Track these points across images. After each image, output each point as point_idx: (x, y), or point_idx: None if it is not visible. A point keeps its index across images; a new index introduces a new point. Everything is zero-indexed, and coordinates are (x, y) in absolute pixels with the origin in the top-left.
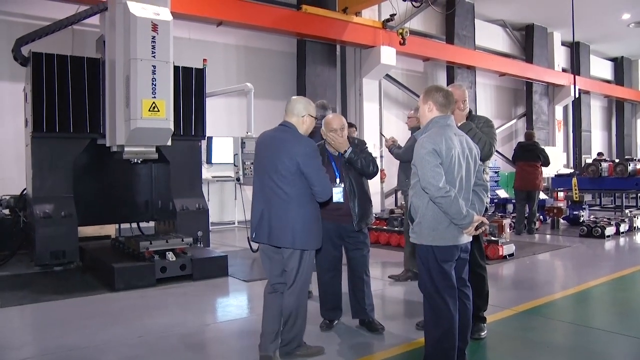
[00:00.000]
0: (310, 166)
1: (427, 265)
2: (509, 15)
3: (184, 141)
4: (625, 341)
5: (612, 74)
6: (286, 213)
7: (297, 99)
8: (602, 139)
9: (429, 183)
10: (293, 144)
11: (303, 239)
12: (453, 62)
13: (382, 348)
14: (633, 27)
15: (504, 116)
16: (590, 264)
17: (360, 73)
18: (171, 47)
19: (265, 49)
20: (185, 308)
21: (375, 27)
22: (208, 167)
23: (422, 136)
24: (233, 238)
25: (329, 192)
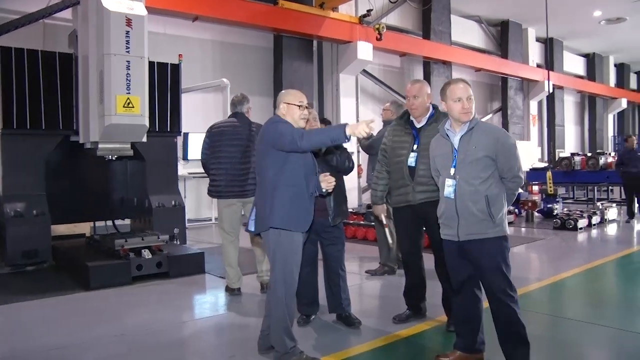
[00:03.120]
0: (272, 132)
1: (508, 258)
2: (485, 11)
3: (160, 137)
4: (598, 330)
5: (585, 69)
6: (264, 198)
7: (281, 92)
8: (575, 133)
9: (522, 171)
10: (263, 128)
11: (271, 217)
12: (429, 57)
13: (359, 342)
14: (604, 24)
15: (480, 111)
16: (564, 255)
17: (337, 68)
18: (146, 42)
19: (241, 44)
20: (162, 306)
21: (352, 23)
22: (184, 164)
23: (499, 128)
24: (210, 235)
25: (306, 140)
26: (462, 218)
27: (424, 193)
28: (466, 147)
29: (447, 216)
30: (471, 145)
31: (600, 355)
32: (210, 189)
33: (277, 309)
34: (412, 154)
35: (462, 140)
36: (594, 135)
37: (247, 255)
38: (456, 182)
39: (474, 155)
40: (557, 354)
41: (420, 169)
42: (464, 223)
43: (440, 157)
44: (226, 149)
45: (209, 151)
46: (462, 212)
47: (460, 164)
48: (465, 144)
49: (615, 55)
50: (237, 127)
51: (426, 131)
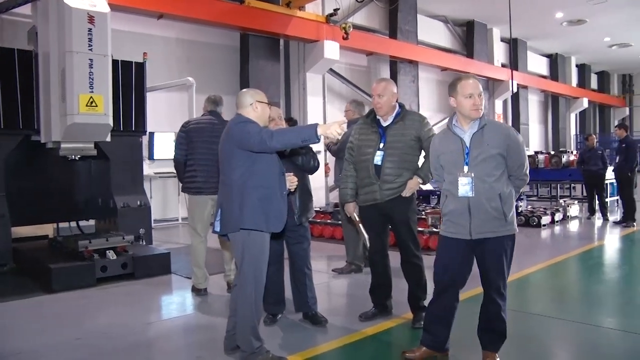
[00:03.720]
0: (239, 132)
1: (512, 257)
2: (451, 11)
3: (124, 137)
4: (561, 325)
5: (548, 70)
6: (230, 199)
7: (243, 91)
8: (539, 132)
9: (529, 168)
10: (227, 128)
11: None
12: (396, 56)
13: (325, 340)
14: (566, 26)
15: (446, 110)
16: (528, 252)
17: (303, 67)
18: (109, 40)
19: (207, 42)
20: (127, 307)
21: (319, 22)
22: (150, 163)
23: (508, 126)
24: (177, 235)
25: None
26: (475, 216)
27: (390, 191)
28: (479, 145)
29: (457, 214)
30: (484, 142)
31: (563, 349)
32: (189, 186)
33: (245, 309)
34: (379, 153)
35: (474, 137)
36: (557, 134)
37: (213, 255)
38: (472, 181)
39: (487, 152)
40: (523, 348)
41: (387, 167)
42: (477, 221)
43: (449, 154)
44: (204, 145)
45: (186, 146)
46: (476, 210)
47: (473, 162)
48: (478, 142)
49: (577, 56)
50: (216, 124)
51: (392, 130)
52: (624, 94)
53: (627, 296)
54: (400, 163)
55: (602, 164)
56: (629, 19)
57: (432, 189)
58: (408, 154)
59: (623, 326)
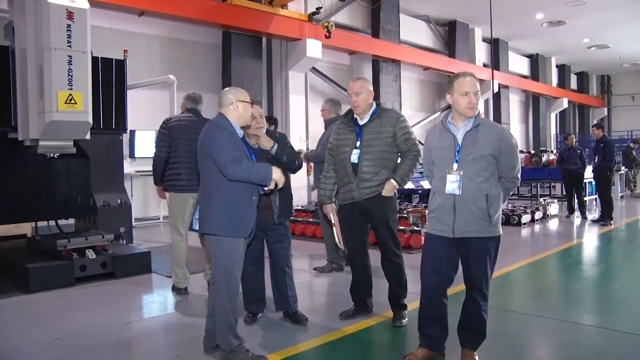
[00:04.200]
0: (209, 143)
1: (496, 258)
2: (433, 11)
3: (104, 135)
4: (540, 322)
5: (529, 70)
6: (205, 200)
7: (225, 90)
8: (521, 131)
9: (520, 171)
10: (202, 131)
11: (209, 223)
12: (378, 55)
13: (305, 339)
14: (546, 27)
15: (428, 109)
16: (508, 250)
17: (286, 66)
18: (88, 37)
19: (189, 40)
20: (107, 307)
21: (302, 20)
22: (131, 162)
23: (503, 127)
24: (158, 234)
25: (231, 167)
26: (459, 215)
27: (369, 189)
28: (471, 144)
29: (443, 211)
30: (476, 142)
31: (541, 346)
32: (174, 184)
33: (220, 308)
34: (355, 151)
35: (466, 136)
36: (538, 134)
37: (194, 254)
38: (460, 179)
39: (478, 152)
40: (502, 346)
41: (364, 166)
42: (461, 220)
43: (441, 151)
44: (185, 142)
45: (168, 143)
46: (461, 208)
47: (463, 160)
48: (470, 140)
49: (557, 57)
50: (196, 122)
51: (368, 128)
52: (602, 94)
53: (603, 293)
54: (378, 161)
55: (581, 163)
56: (607, 21)
57: (414, 188)
58: (386, 152)
59: (599, 323)
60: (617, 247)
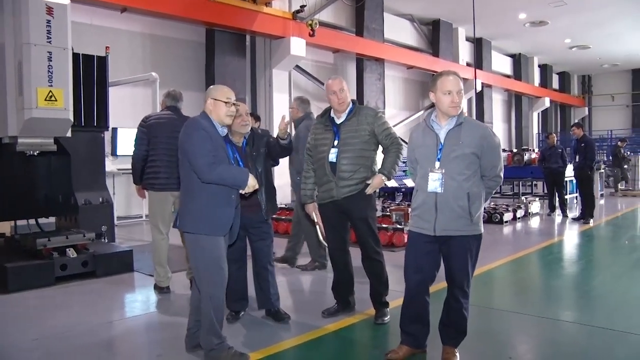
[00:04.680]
0: (186, 143)
1: (477, 257)
2: (417, 10)
3: (86, 132)
4: (520, 319)
5: (511, 69)
6: (184, 197)
7: (209, 88)
8: (503, 130)
9: (503, 170)
10: (182, 130)
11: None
12: (362, 54)
13: (288, 337)
14: (528, 27)
15: (412, 107)
16: (490, 247)
17: (270, 64)
18: (69, 33)
19: (172, 37)
20: (88, 306)
21: (285, 18)
22: (113, 160)
23: (486, 126)
24: (140, 232)
25: (206, 171)
26: (440, 213)
27: (347, 188)
28: (453, 142)
29: (425, 209)
30: (459, 140)
31: (521, 343)
32: (153, 182)
33: (203, 308)
34: (333, 150)
35: (449, 134)
36: (520, 132)
37: (176, 252)
38: (442, 177)
39: (460, 150)
40: (483, 343)
41: (342, 164)
42: (442, 218)
43: (424, 149)
44: (164, 140)
45: (147, 141)
46: (442, 207)
47: (445, 159)
48: (452, 139)
49: (539, 57)
50: (176, 120)
51: (346, 126)
52: (583, 94)
53: (582, 290)
54: (356, 159)
55: (562, 162)
56: (588, 22)
57: (397, 186)
58: (364, 150)
59: (578, 319)
60: (596, 244)
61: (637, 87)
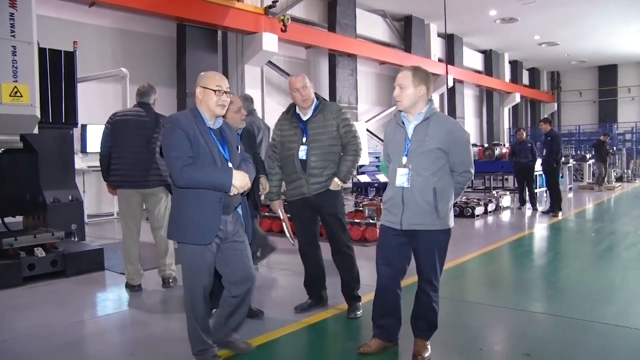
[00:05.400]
0: (162, 143)
1: (446, 250)
2: (389, 6)
3: (54, 129)
4: (492, 311)
5: (483, 65)
6: (172, 202)
7: (199, 75)
8: (475, 125)
9: (473, 166)
10: (162, 129)
11: (171, 228)
12: (335, 50)
13: (261, 332)
14: (499, 23)
15: (385, 103)
16: (462, 241)
17: (242, 59)
18: (34, 27)
19: (142, 33)
20: (57, 306)
21: (257, 14)
22: (83, 157)
23: (455, 121)
24: (112, 230)
25: (177, 174)
26: (407, 207)
27: (318, 184)
28: (419, 138)
29: (393, 204)
30: (425, 136)
31: (492, 334)
32: (117, 180)
33: (186, 313)
34: (302, 147)
35: (416, 129)
36: (492, 127)
37: (148, 250)
38: (409, 172)
39: (426, 146)
40: (454, 335)
41: (312, 161)
42: (409, 213)
43: (394, 144)
44: (130, 137)
45: (111, 138)
46: (409, 201)
47: (412, 154)
48: (419, 134)
49: (510, 53)
50: (143, 116)
51: (313, 123)
52: (552, 90)
53: (551, 281)
54: (325, 155)
55: (532, 156)
56: (556, 20)
57: (370, 181)
58: (332, 145)
59: (547, 310)
60: (564, 236)
61: (604, 84)
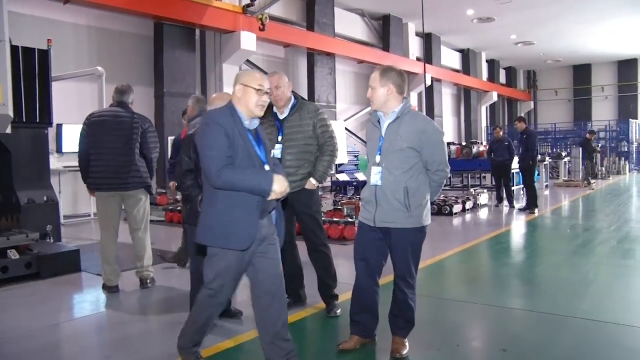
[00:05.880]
0: (198, 140)
1: (420, 247)
2: (367, 5)
3: (28, 129)
4: (470, 308)
5: (460, 64)
6: (203, 203)
7: (239, 72)
8: (453, 124)
9: (447, 164)
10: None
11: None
12: (313, 48)
13: (240, 332)
14: (476, 23)
15: (363, 102)
16: (441, 239)
17: (220, 58)
18: (5, 23)
19: (119, 31)
20: (32, 309)
21: (235, 12)
22: (58, 157)
23: (428, 120)
24: (89, 231)
25: (214, 175)
26: (379, 205)
27: (293, 183)
28: (392, 136)
29: (367, 201)
30: (397, 134)
31: (470, 331)
32: (95, 181)
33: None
34: (277, 146)
35: (388, 128)
36: (469, 126)
37: (126, 251)
38: (382, 170)
39: (398, 145)
40: (433, 332)
41: (287, 160)
42: (381, 210)
43: (371, 142)
44: (108, 138)
45: (88, 139)
46: (381, 199)
47: (385, 152)
48: (392, 133)
49: (487, 52)
50: (121, 117)
51: (289, 122)
52: (529, 88)
53: (527, 277)
54: (300, 154)
55: (509, 154)
56: (532, 19)
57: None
58: (308, 145)
59: (523, 305)
60: (540, 233)
61: (578, 82)
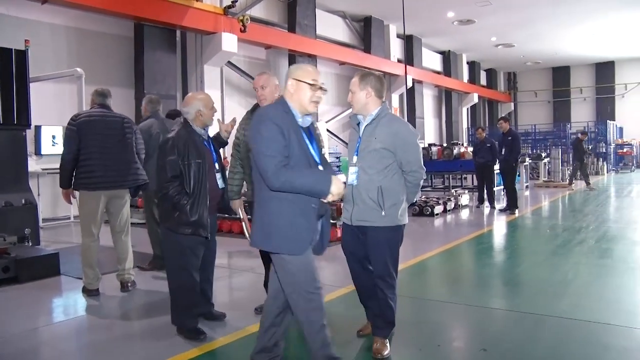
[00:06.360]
0: (252, 139)
1: (397, 247)
2: (349, 6)
3: (5, 131)
4: (452, 308)
5: (441, 66)
6: (260, 211)
7: (291, 66)
8: (434, 125)
9: (422, 166)
10: (251, 124)
11: (257, 237)
12: (295, 50)
13: (223, 334)
14: (457, 25)
15: (345, 103)
16: (422, 239)
17: (201, 60)
18: None
19: (98, 31)
20: (9, 313)
21: (217, 13)
22: (37, 159)
23: (403, 122)
24: (69, 234)
25: (272, 176)
26: (355, 204)
27: None
28: (368, 138)
29: (346, 200)
30: (372, 136)
31: (452, 331)
32: (86, 181)
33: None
34: None
35: (366, 130)
36: (451, 127)
37: (106, 254)
38: (358, 170)
39: (373, 145)
40: (415, 333)
41: None
42: (357, 209)
43: (350, 144)
44: (100, 138)
45: (77, 140)
46: (357, 198)
47: (361, 153)
48: (368, 135)
49: (468, 54)
50: (108, 117)
51: None
52: (509, 90)
53: (507, 277)
54: None
55: (492, 156)
56: (512, 22)
57: None
58: None
59: (504, 305)
60: (521, 233)
61: (557, 84)
